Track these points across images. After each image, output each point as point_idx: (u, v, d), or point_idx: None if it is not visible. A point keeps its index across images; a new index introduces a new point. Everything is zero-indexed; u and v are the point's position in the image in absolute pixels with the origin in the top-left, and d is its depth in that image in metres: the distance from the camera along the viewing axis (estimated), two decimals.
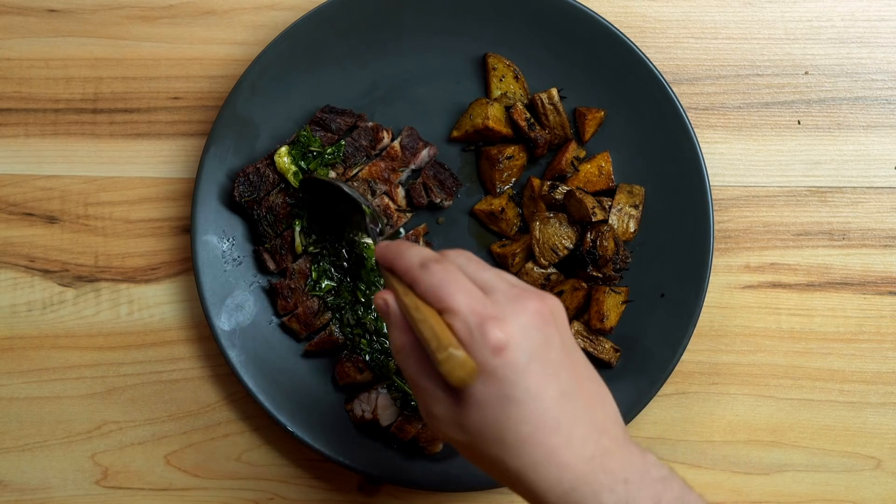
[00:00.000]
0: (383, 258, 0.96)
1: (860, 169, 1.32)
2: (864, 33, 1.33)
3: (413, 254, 0.94)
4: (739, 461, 1.29)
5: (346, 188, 1.17)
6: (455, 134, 1.29)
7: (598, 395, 0.92)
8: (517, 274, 1.26)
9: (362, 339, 1.24)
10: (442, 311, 0.89)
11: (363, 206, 1.15)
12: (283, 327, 1.27)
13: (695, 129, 1.26)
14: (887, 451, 1.29)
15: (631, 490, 0.86)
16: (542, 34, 1.27)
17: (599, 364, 1.25)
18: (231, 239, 1.27)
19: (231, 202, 1.26)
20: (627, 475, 0.87)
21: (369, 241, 1.24)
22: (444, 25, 1.28)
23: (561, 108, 1.27)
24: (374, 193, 1.26)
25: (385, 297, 0.93)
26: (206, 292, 1.25)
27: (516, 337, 0.87)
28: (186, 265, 1.32)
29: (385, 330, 1.24)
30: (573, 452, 0.87)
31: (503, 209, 1.27)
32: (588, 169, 1.27)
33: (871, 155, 1.32)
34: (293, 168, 1.23)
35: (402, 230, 1.28)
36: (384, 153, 1.26)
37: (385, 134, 1.26)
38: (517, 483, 0.88)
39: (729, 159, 1.32)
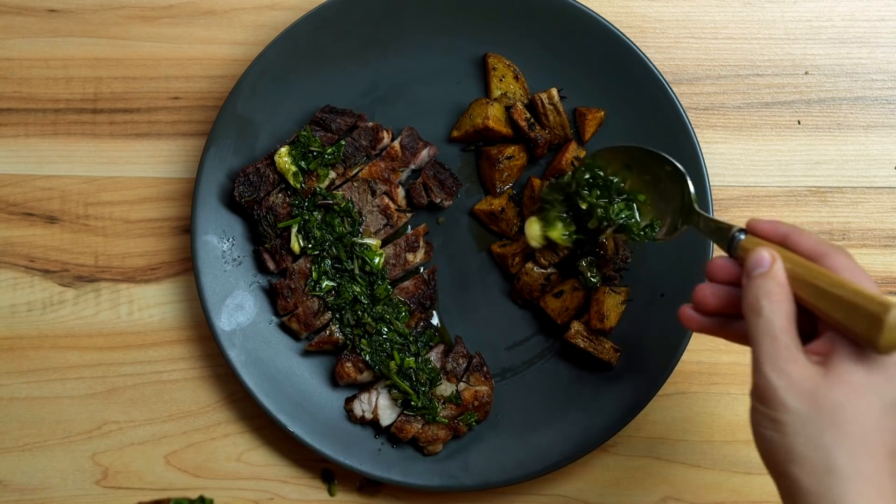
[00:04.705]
0: (773, 230, 0.95)
1: (860, 169, 1.32)
2: (864, 33, 1.33)
3: (812, 233, 0.95)
4: (739, 461, 1.29)
5: (678, 164, 1.11)
6: (455, 134, 1.29)
7: None
8: (517, 274, 1.26)
9: (362, 339, 1.24)
10: None
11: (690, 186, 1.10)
12: (283, 327, 1.27)
13: (695, 129, 1.26)
14: None
15: None
16: (542, 34, 1.27)
17: (599, 364, 1.25)
18: (231, 239, 1.27)
19: (231, 202, 1.26)
20: None
21: (371, 241, 1.24)
22: (444, 25, 1.28)
23: (561, 108, 1.27)
24: (374, 193, 1.26)
25: (772, 253, 0.92)
26: (206, 292, 1.25)
27: None
28: (186, 265, 1.32)
29: (385, 331, 1.24)
30: (893, 487, 0.85)
31: (503, 209, 1.27)
32: None
33: (871, 155, 1.32)
34: (293, 168, 1.23)
35: (409, 227, 1.28)
36: (384, 153, 1.26)
37: (385, 134, 1.26)
38: (824, 483, 0.85)
39: (729, 159, 1.32)
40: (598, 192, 1.16)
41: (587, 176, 1.16)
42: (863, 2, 1.33)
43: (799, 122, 1.33)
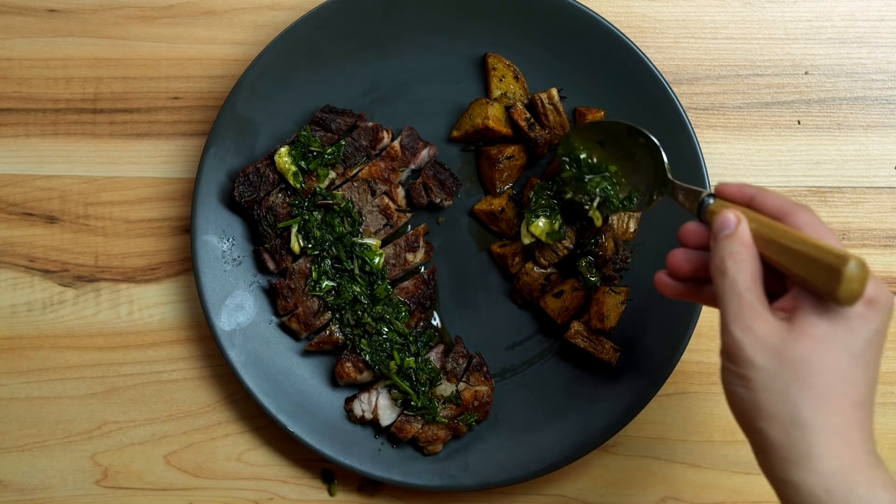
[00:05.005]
0: (740, 192, 0.97)
1: (860, 169, 1.32)
2: (864, 33, 1.33)
3: (778, 193, 0.96)
4: (739, 461, 1.29)
5: (651, 136, 1.14)
6: (455, 134, 1.29)
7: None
8: (517, 274, 1.26)
9: (362, 339, 1.24)
10: None
11: (664, 155, 1.13)
12: (283, 327, 1.27)
13: (695, 129, 1.26)
14: (887, 451, 1.29)
15: None
16: (542, 34, 1.27)
17: (599, 364, 1.25)
18: (231, 239, 1.27)
19: (231, 202, 1.26)
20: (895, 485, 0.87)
21: (371, 241, 1.24)
22: (444, 25, 1.28)
23: (561, 108, 1.27)
24: (374, 193, 1.26)
25: (737, 214, 0.93)
26: (206, 292, 1.25)
27: (881, 303, 0.88)
28: (186, 265, 1.32)
29: (385, 331, 1.24)
30: (861, 436, 0.87)
31: (503, 209, 1.27)
32: None
33: (871, 155, 1.32)
34: (293, 168, 1.23)
35: (409, 227, 1.28)
36: (384, 153, 1.26)
37: (385, 134, 1.26)
38: (792, 436, 0.87)
39: (729, 159, 1.32)
40: (574, 171, 1.21)
41: (564, 158, 1.21)
42: (863, 2, 1.33)
43: (799, 122, 1.33)
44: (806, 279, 0.88)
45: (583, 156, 1.20)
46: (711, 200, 0.99)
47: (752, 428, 0.90)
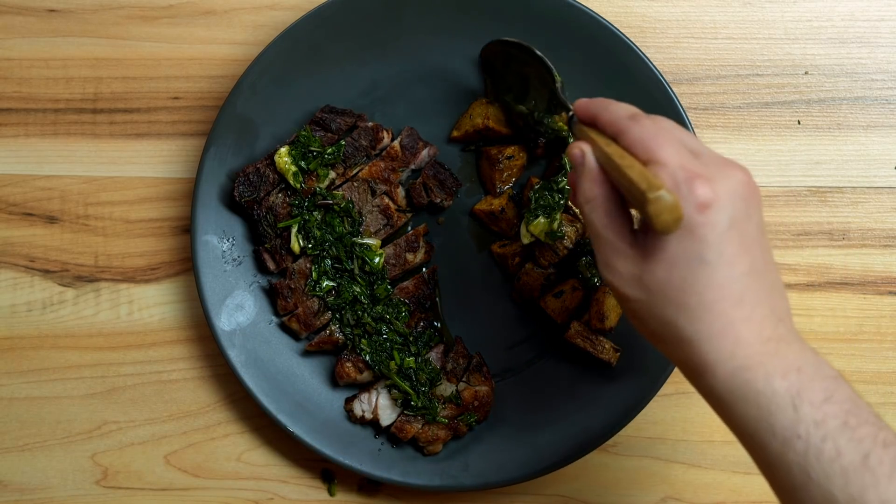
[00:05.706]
0: (586, 110, 0.96)
1: (860, 169, 1.32)
2: (864, 33, 1.33)
3: (621, 106, 0.94)
4: (739, 461, 1.29)
5: (537, 51, 1.16)
6: (455, 134, 1.29)
7: (778, 284, 0.90)
8: (517, 274, 1.26)
9: (362, 339, 1.24)
10: (648, 163, 0.87)
11: (554, 73, 1.15)
12: (283, 327, 1.27)
13: (695, 129, 1.26)
14: None
15: (803, 380, 0.85)
16: (542, 34, 1.27)
17: (599, 364, 1.25)
18: (231, 239, 1.27)
19: (231, 202, 1.26)
20: (801, 365, 0.86)
21: (371, 241, 1.24)
22: (444, 25, 1.28)
23: None
24: (374, 193, 1.26)
25: (581, 147, 0.92)
26: (206, 292, 1.25)
27: (723, 199, 0.86)
28: (186, 265, 1.32)
29: (385, 331, 1.24)
30: (751, 330, 0.86)
31: (503, 209, 1.27)
32: None
33: (871, 155, 1.32)
34: (293, 168, 1.23)
35: (409, 227, 1.28)
36: (384, 153, 1.26)
37: (385, 134, 1.26)
38: (685, 352, 0.88)
39: None
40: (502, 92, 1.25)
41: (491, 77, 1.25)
42: (863, 2, 1.33)
43: (799, 122, 1.33)
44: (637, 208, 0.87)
45: (491, 79, 1.23)
46: (576, 120, 0.97)
47: (663, 353, 0.92)
